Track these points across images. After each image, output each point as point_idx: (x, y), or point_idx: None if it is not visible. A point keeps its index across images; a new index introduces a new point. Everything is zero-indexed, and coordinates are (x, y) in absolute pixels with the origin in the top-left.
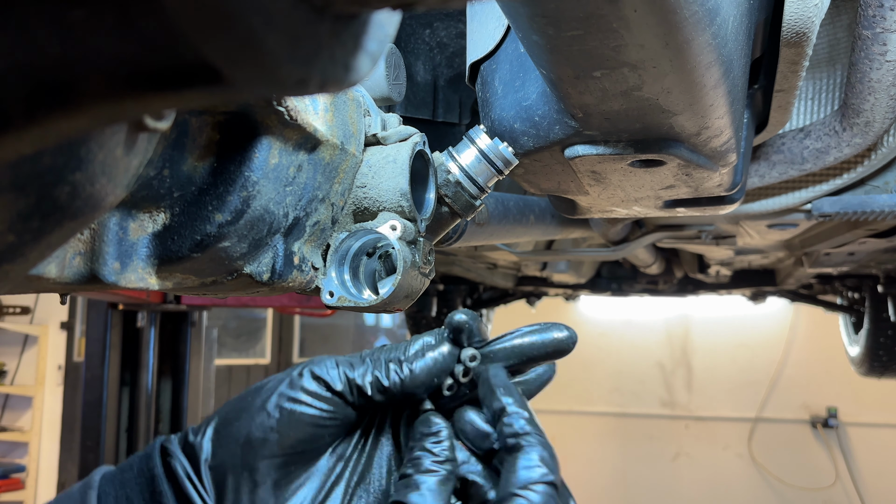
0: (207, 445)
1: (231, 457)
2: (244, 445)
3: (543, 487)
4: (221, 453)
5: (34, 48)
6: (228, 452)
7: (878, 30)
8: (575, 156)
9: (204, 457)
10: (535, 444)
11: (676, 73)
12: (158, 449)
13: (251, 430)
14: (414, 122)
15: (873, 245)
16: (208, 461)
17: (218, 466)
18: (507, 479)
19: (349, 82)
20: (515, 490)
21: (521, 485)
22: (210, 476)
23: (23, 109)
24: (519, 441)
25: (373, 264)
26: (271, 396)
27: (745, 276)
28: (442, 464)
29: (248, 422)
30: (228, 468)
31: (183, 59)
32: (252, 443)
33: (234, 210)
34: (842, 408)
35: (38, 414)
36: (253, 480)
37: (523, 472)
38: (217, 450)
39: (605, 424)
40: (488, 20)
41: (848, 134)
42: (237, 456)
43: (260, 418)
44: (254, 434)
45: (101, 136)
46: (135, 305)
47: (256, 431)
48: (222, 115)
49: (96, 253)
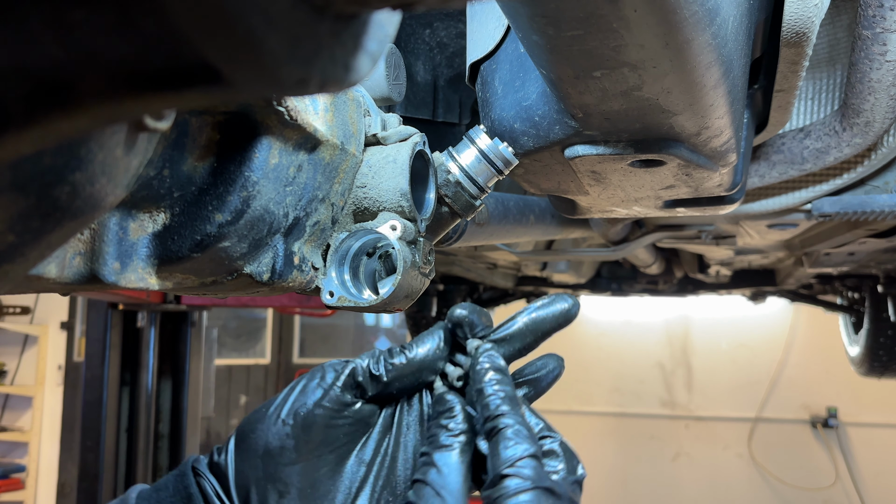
0: (231, 462)
1: (253, 469)
2: (263, 456)
3: (528, 461)
4: (243, 467)
5: (34, 48)
6: (250, 465)
7: (878, 30)
8: (575, 156)
9: (230, 474)
10: (512, 422)
11: (676, 73)
12: (191, 468)
13: (268, 440)
14: (414, 122)
15: (873, 245)
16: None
17: (242, 481)
18: (493, 462)
19: (349, 82)
20: (503, 471)
21: (507, 464)
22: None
23: (23, 109)
24: (496, 423)
25: (373, 264)
26: (284, 405)
27: (745, 276)
28: (456, 437)
29: (265, 432)
30: (251, 481)
31: (183, 59)
32: (271, 452)
33: (234, 210)
34: (842, 408)
35: (38, 414)
36: (278, 491)
37: (505, 452)
38: (239, 465)
39: (605, 424)
40: (488, 20)
41: (848, 134)
42: (258, 468)
43: (276, 427)
44: (271, 443)
45: (101, 136)
46: (135, 305)
47: (273, 441)
48: (222, 115)
49: (96, 253)
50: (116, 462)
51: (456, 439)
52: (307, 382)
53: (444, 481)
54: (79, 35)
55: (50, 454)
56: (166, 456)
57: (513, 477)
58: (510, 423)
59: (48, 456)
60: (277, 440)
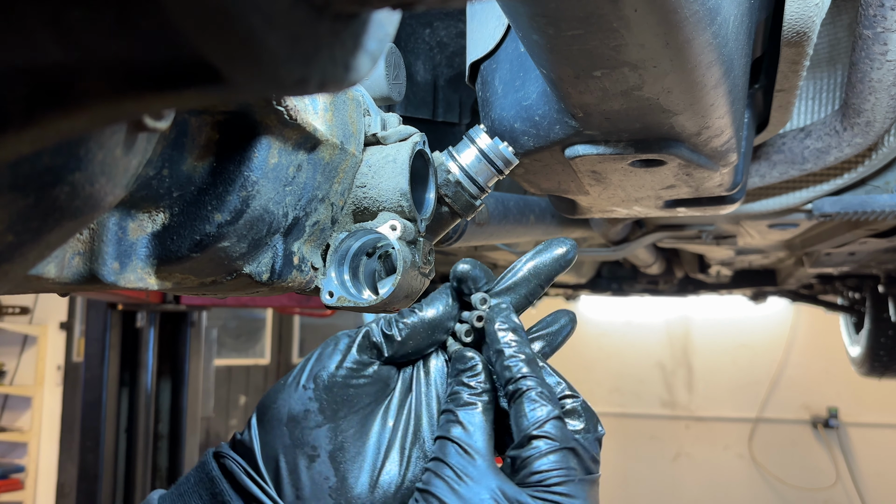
0: (255, 436)
1: (279, 438)
2: (288, 423)
3: (553, 422)
4: (269, 439)
5: (34, 48)
6: (276, 435)
7: (879, 29)
8: (575, 155)
9: (257, 448)
10: (534, 384)
11: (677, 72)
12: (212, 455)
13: (291, 407)
14: (414, 122)
15: (874, 245)
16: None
17: (269, 453)
18: (518, 424)
19: (349, 82)
20: (531, 432)
21: (535, 426)
22: (264, 465)
23: (22, 109)
24: (518, 385)
25: (373, 264)
26: (303, 372)
27: (745, 276)
28: (479, 395)
29: (287, 400)
30: (279, 450)
31: (182, 58)
32: (295, 418)
33: (233, 210)
34: (842, 408)
35: (38, 414)
36: (307, 455)
37: (531, 414)
38: (264, 437)
39: (605, 424)
40: (488, 20)
41: (849, 134)
42: (284, 435)
43: (297, 393)
44: (295, 409)
45: (101, 136)
46: (134, 305)
47: (297, 406)
48: (222, 115)
49: (95, 253)
50: (116, 462)
51: (479, 398)
52: (322, 350)
53: (470, 439)
54: (78, 35)
55: (49, 454)
56: (166, 456)
57: (541, 438)
58: (532, 385)
59: (47, 456)
60: (300, 405)
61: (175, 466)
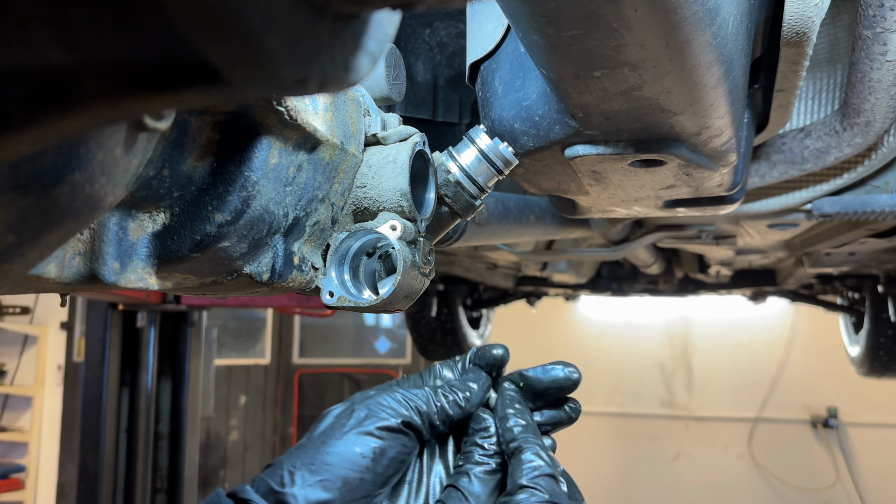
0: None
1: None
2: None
3: (547, 479)
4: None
5: (34, 48)
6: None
7: (879, 29)
8: (575, 156)
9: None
10: (533, 444)
11: (677, 72)
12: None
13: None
14: (414, 122)
15: (874, 245)
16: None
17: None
18: (514, 475)
19: (349, 82)
20: (524, 482)
21: (528, 477)
22: None
23: (22, 109)
24: (519, 444)
25: (373, 264)
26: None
27: (745, 276)
28: (490, 457)
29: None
30: None
31: (182, 59)
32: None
33: (233, 210)
34: (842, 408)
35: (38, 414)
36: None
37: (527, 466)
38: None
39: (605, 424)
40: (488, 20)
41: (848, 134)
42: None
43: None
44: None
45: (101, 136)
46: (134, 305)
47: (353, 473)
48: (222, 115)
49: (96, 253)
50: (116, 462)
51: (490, 459)
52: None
53: (471, 486)
54: (78, 35)
55: (49, 454)
56: (166, 456)
57: (530, 488)
58: (529, 445)
59: (48, 456)
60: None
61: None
